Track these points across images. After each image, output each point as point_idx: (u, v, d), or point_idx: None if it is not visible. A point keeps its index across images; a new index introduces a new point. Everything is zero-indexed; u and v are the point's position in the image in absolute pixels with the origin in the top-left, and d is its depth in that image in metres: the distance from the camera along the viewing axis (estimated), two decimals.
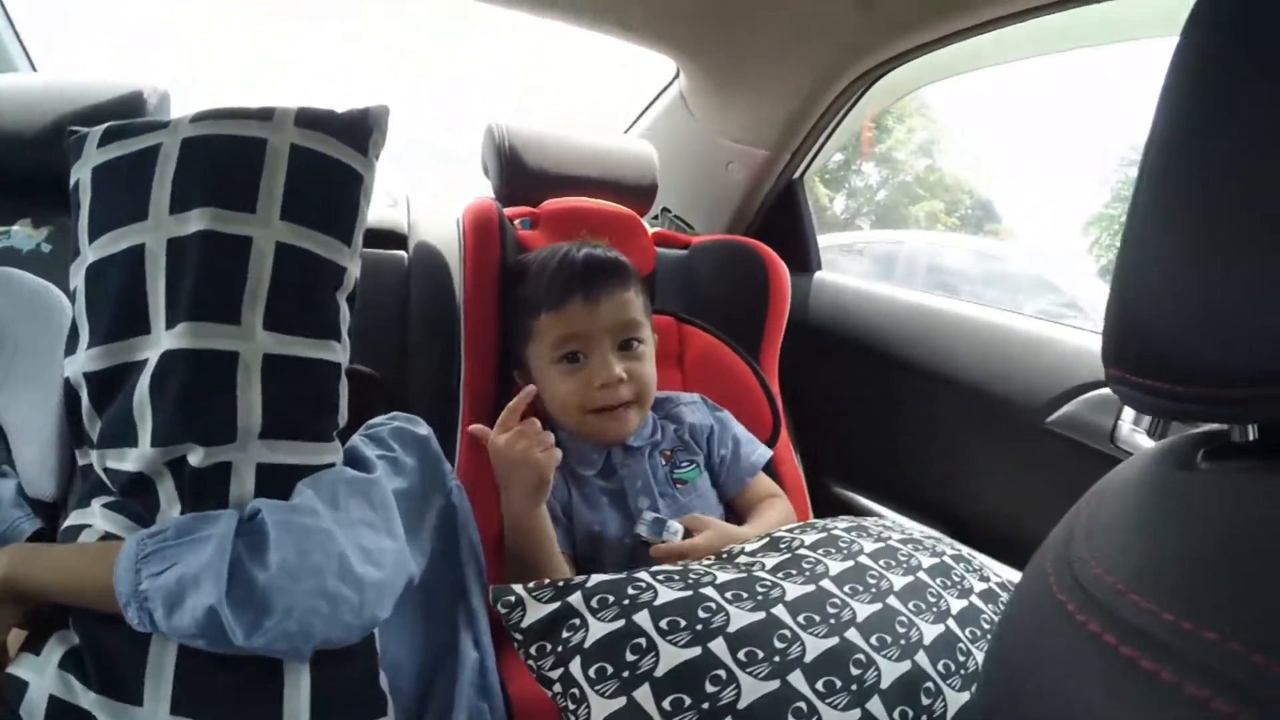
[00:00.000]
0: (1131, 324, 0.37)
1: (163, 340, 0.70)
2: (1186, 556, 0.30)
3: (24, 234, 0.97)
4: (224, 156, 0.75)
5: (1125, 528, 0.35)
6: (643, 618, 0.61)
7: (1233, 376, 0.31)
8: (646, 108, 1.69)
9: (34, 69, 1.48)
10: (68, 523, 0.72)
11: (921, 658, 0.63)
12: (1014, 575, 1.13)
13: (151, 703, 0.62)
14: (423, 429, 0.85)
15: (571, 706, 0.59)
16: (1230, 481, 0.34)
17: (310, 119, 0.78)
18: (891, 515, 1.37)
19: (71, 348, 0.74)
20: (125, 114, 0.93)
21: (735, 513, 1.07)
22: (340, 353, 0.78)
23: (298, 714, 0.65)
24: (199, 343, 0.69)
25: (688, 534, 0.91)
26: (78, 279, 0.75)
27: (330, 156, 0.78)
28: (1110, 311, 0.38)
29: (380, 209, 1.33)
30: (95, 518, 0.70)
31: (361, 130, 0.82)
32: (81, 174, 0.77)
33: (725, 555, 0.76)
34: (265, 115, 0.77)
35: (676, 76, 1.57)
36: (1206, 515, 0.32)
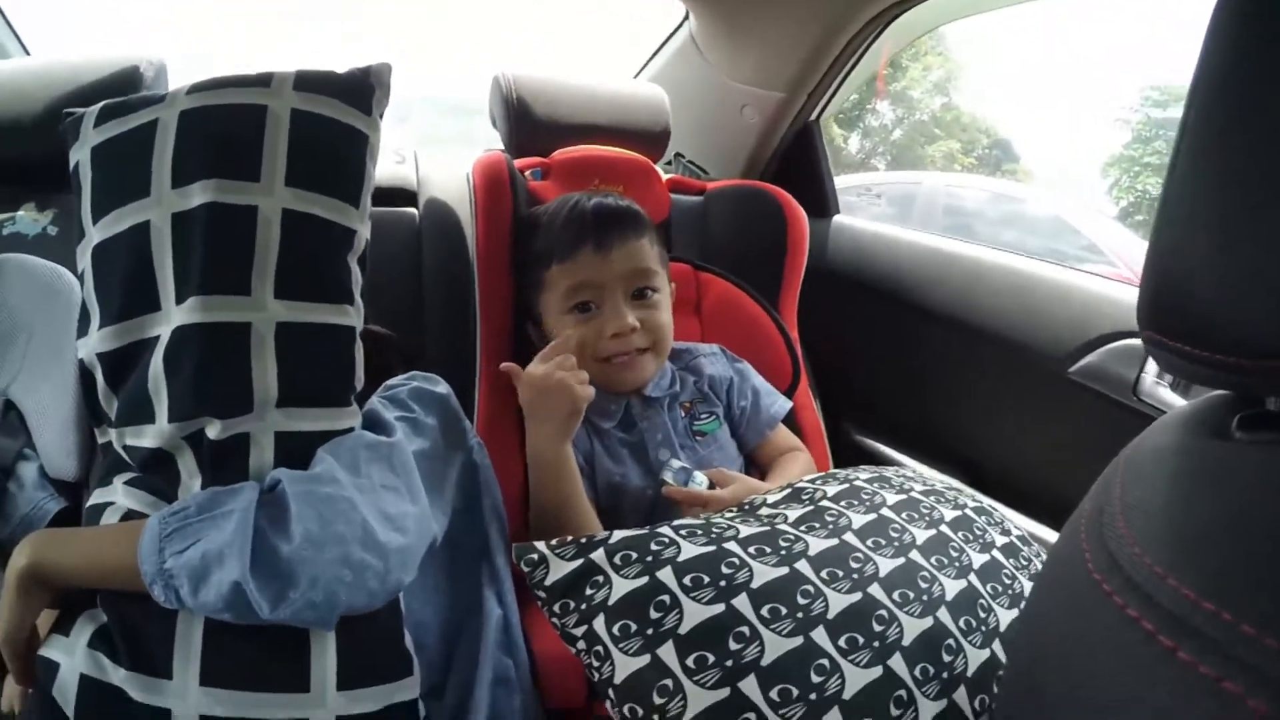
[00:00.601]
0: (1169, 285, 0.35)
1: (173, 316, 0.70)
2: (1226, 541, 0.29)
3: (29, 219, 0.97)
4: (224, 126, 0.74)
5: (1163, 504, 0.33)
6: (666, 574, 0.60)
7: (1272, 347, 0.30)
8: (656, 52, 1.65)
9: (27, 53, 1.46)
10: (91, 501, 0.73)
11: (943, 614, 0.62)
12: (1034, 527, 1.13)
13: (181, 676, 0.63)
14: (441, 387, 0.85)
15: (595, 664, 0.59)
16: (1269, 456, 0.32)
17: (310, 81, 0.77)
18: (911, 464, 1.36)
19: (83, 329, 0.74)
20: (122, 90, 0.92)
21: (755, 465, 1.07)
22: (354, 316, 0.77)
23: (324, 679, 0.65)
24: (210, 316, 0.69)
25: (712, 487, 0.91)
26: (84, 260, 0.74)
27: (333, 119, 0.77)
28: (1147, 271, 0.37)
29: (388, 166, 1.31)
30: (118, 495, 0.71)
31: (364, 90, 0.80)
32: (81, 155, 0.77)
33: (747, 507, 0.75)
34: (264, 81, 0.76)
35: (686, 19, 1.53)
36: (1246, 495, 0.31)
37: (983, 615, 0.65)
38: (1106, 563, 0.32)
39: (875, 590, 0.62)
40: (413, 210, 1.27)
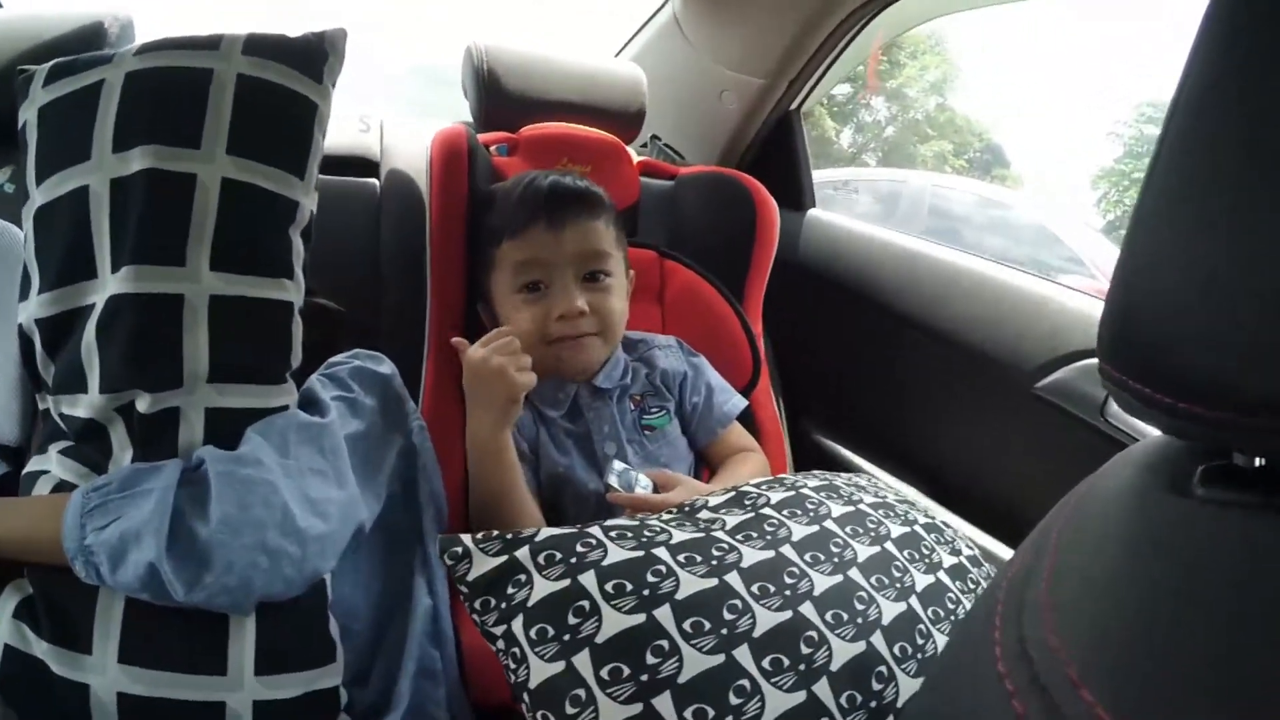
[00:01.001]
0: (1134, 318, 0.31)
1: (108, 285, 0.69)
2: (1164, 644, 0.25)
3: None
4: (168, 90, 0.73)
5: (1098, 577, 0.29)
6: (588, 578, 0.58)
7: (1247, 400, 0.26)
8: (638, 30, 1.62)
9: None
10: (27, 469, 0.72)
11: (878, 638, 0.60)
12: (988, 542, 1.11)
13: (100, 652, 0.63)
14: (385, 367, 0.84)
15: (513, 666, 0.57)
16: (1230, 526, 0.29)
17: (260, 46, 0.75)
18: (871, 469, 1.34)
19: (24, 293, 0.73)
20: (86, 47, 0.90)
21: (707, 462, 1.04)
22: (293, 291, 0.75)
23: (242, 663, 0.65)
24: (143, 286, 0.68)
25: (657, 490, 0.88)
26: (27, 223, 0.73)
27: (281, 85, 0.75)
28: (1112, 299, 0.33)
29: (351, 134, 1.27)
30: (52, 464, 0.70)
31: (316, 56, 0.78)
32: (28, 115, 0.76)
33: (687, 509, 0.73)
34: (213, 44, 0.75)
35: None
36: (1195, 578, 0.27)
37: (920, 642, 0.63)
38: (1016, 651, 0.27)
39: (807, 609, 0.59)
40: (374, 181, 1.23)
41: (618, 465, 0.89)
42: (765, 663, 0.55)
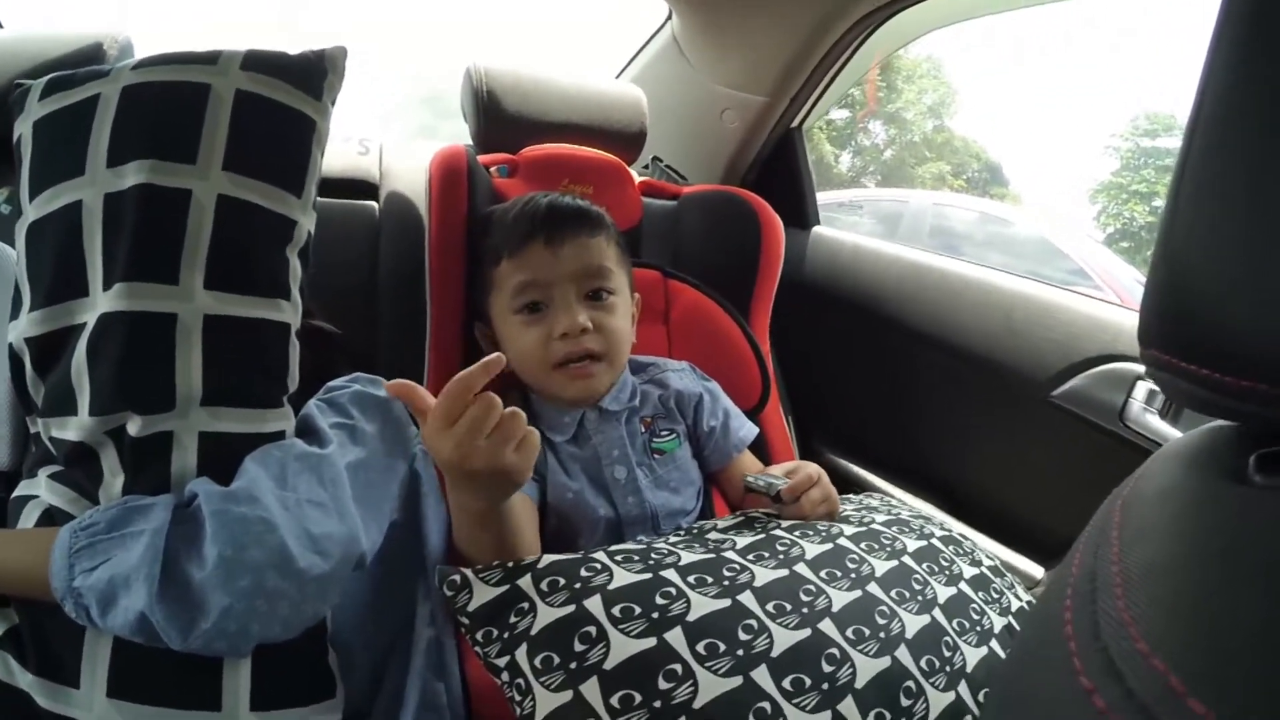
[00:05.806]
0: (1182, 296, 0.29)
1: (100, 303, 0.67)
2: (1263, 643, 0.22)
3: None
4: (164, 104, 0.71)
5: (1172, 577, 0.26)
6: (594, 603, 0.56)
7: None
8: (638, 52, 1.61)
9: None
10: (15, 493, 0.70)
11: (903, 653, 0.57)
12: (1008, 555, 1.08)
13: (88, 686, 0.61)
14: (385, 391, 0.80)
15: (517, 697, 0.55)
16: None
17: (259, 62, 0.74)
18: (885, 487, 1.32)
19: (15, 312, 0.71)
20: (85, 66, 0.88)
21: (717, 487, 1.02)
22: (290, 312, 0.73)
23: (237, 698, 0.63)
24: (135, 305, 0.66)
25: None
26: (20, 240, 0.72)
27: (279, 102, 0.74)
28: (1153, 279, 0.31)
29: (350, 157, 1.27)
30: (41, 489, 0.68)
31: (315, 73, 0.77)
32: (23, 129, 0.74)
33: (695, 531, 0.70)
34: (210, 59, 0.73)
35: (669, 18, 1.49)
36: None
37: (947, 654, 0.60)
38: (1102, 665, 0.24)
39: (826, 626, 0.57)
40: (373, 204, 1.22)
41: (759, 481, 0.81)
42: (786, 683, 0.52)
